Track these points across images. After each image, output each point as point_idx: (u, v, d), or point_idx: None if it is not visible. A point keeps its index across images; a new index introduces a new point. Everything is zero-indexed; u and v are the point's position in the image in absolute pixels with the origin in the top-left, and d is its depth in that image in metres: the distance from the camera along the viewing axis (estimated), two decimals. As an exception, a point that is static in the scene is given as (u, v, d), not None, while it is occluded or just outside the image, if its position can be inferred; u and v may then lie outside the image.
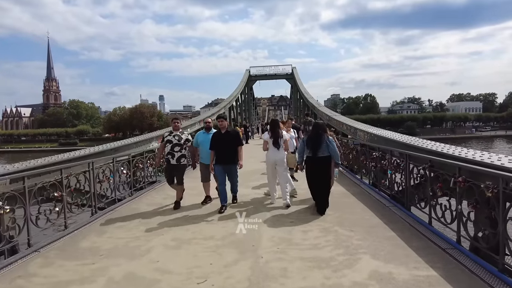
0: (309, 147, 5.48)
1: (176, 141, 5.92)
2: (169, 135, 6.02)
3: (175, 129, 6.13)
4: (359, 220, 4.86)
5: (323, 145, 5.39)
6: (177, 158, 5.90)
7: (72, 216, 5.18)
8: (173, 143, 5.91)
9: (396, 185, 5.84)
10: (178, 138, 5.96)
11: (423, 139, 5.60)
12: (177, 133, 6.06)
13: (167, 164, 5.98)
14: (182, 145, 5.96)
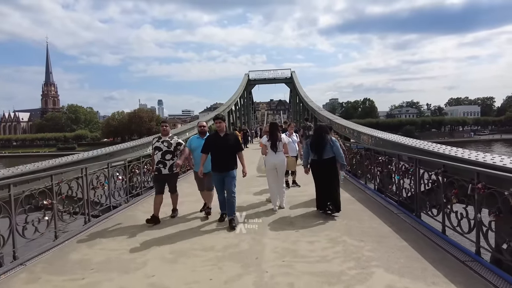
0: (313, 150, 5.45)
1: (166, 148, 5.30)
2: (158, 142, 5.40)
3: (164, 134, 5.46)
4: (368, 229, 4.58)
5: (327, 146, 5.38)
6: (169, 167, 5.31)
7: (63, 226, 4.89)
8: (162, 150, 5.28)
9: (404, 191, 5.58)
10: (167, 145, 5.33)
11: (433, 143, 5.34)
12: (166, 138, 5.41)
13: (158, 174, 5.33)
14: (173, 152, 5.35)
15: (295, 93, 43.35)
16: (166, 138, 5.42)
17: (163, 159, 5.30)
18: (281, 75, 45.50)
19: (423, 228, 4.52)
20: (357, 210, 5.60)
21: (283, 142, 5.91)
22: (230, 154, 4.98)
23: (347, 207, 5.81)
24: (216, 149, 4.95)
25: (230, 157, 4.98)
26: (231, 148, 4.99)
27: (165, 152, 5.31)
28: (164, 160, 5.30)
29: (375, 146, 7.65)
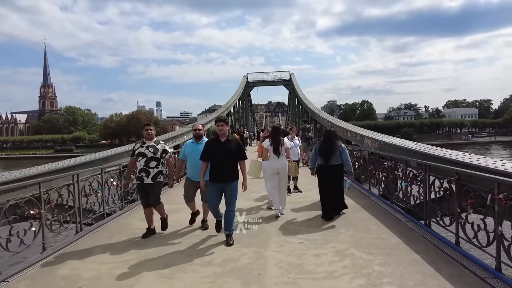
0: (321, 155, 5.42)
1: (152, 154, 4.69)
2: (141, 147, 4.75)
3: (148, 139, 4.80)
4: (376, 240, 4.32)
5: (336, 153, 5.37)
6: (153, 176, 4.66)
7: (52, 236, 4.61)
8: (147, 156, 4.65)
9: (412, 198, 5.33)
10: (153, 150, 4.71)
11: (446, 149, 5.09)
12: (152, 143, 4.78)
13: (140, 184, 4.73)
14: (159, 159, 4.75)
15: (294, 95, 43.15)
16: (151, 143, 4.80)
17: (146, 166, 4.67)
18: (280, 77, 45.33)
19: (434, 238, 4.26)
20: (363, 219, 5.33)
21: (286, 147, 5.77)
22: (232, 162, 4.35)
23: (352, 215, 5.56)
24: (216, 157, 4.31)
25: (231, 166, 4.35)
26: (234, 156, 4.35)
27: (150, 159, 4.68)
28: (148, 168, 4.67)
29: (379, 150, 7.40)
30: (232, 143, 4.39)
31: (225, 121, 4.47)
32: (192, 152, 4.95)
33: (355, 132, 9.83)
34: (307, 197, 7.06)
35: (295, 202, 6.57)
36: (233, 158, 4.36)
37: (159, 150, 4.79)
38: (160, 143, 4.90)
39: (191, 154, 4.97)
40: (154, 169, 4.71)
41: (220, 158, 4.31)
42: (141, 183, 4.73)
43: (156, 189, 4.79)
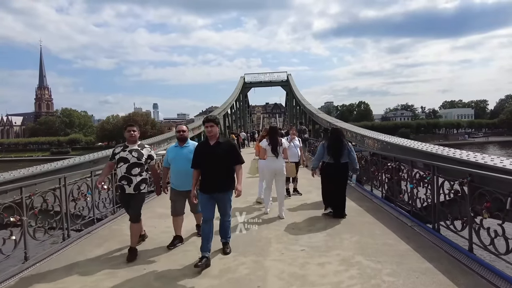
0: (330, 153, 5.43)
1: (135, 159, 4.02)
2: (123, 151, 4.08)
3: (131, 142, 4.14)
4: (383, 246, 4.04)
5: (345, 151, 5.45)
6: (135, 185, 4.00)
7: (36, 245, 4.29)
8: (129, 162, 3.99)
9: (419, 201, 5.07)
10: (137, 155, 4.05)
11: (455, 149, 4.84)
12: (135, 147, 4.13)
13: (121, 193, 4.16)
14: (143, 165, 4.10)
15: (291, 96, 42.97)
16: (135, 147, 4.13)
17: (128, 173, 3.97)
18: (277, 78, 45.13)
19: (444, 244, 3.99)
20: (368, 223, 5.06)
21: (284, 147, 5.69)
22: (225, 169, 3.72)
23: (356, 219, 5.29)
24: (206, 163, 3.72)
25: (225, 173, 3.73)
26: (226, 160, 3.73)
27: (133, 165, 4.00)
28: (130, 175, 3.97)
29: (381, 151, 7.14)
30: (223, 146, 3.76)
31: (215, 121, 3.81)
32: (176, 158, 4.27)
33: (356, 132, 9.58)
34: (307, 200, 6.79)
35: (295, 205, 6.30)
36: (225, 164, 3.72)
37: (143, 155, 4.12)
38: (145, 147, 4.23)
39: (175, 160, 4.28)
40: (137, 176, 4.03)
41: (210, 165, 3.70)
42: (122, 193, 4.09)
43: (138, 201, 4.09)
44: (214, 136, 3.78)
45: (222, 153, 3.72)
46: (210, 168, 3.71)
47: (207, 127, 3.79)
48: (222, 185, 3.73)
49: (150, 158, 4.23)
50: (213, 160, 3.70)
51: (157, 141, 11.99)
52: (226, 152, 3.74)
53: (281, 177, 5.63)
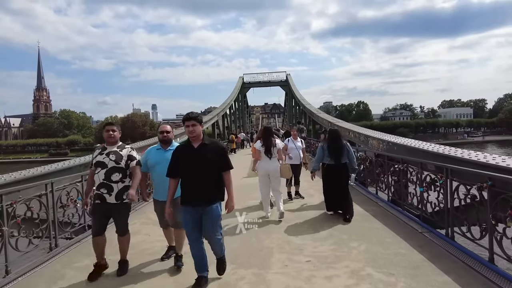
0: (331, 155, 5.45)
1: (113, 163, 3.48)
2: (100, 154, 3.56)
3: (110, 143, 3.61)
4: (394, 256, 3.74)
5: (345, 152, 5.47)
6: (117, 193, 3.47)
7: (19, 256, 3.96)
8: (108, 167, 3.47)
9: (429, 205, 4.77)
10: (115, 158, 3.51)
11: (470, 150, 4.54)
12: (114, 149, 3.59)
13: (100, 203, 3.50)
14: (124, 170, 3.54)
15: (290, 96, 42.68)
16: (114, 148, 3.59)
17: (107, 180, 3.45)
18: (276, 78, 44.83)
19: (461, 254, 3.69)
20: (376, 229, 4.76)
21: (278, 148, 5.61)
22: (210, 176, 3.10)
23: (363, 225, 4.99)
24: (188, 169, 3.09)
25: (210, 181, 3.10)
26: (213, 166, 3.10)
27: (112, 170, 3.47)
28: (110, 182, 3.45)
29: (387, 151, 6.84)
30: (210, 149, 3.14)
31: (197, 119, 3.13)
32: (159, 163, 3.60)
33: (359, 133, 9.26)
34: (309, 204, 6.50)
35: (297, 210, 6.00)
36: (211, 170, 3.10)
37: (122, 157, 3.54)
38: (125, 147, 3.67)
39: (158, 166, 3.61)
40: (119, 183, 3.48)
41: (194, 171, 3.07)
42: (102, 202, 3.48)
43: (123, 213, 3.58)
44: (197, 137, 3.13)
45: (209, 157, 3.09)
46: (194, 175, 3.07)
47: (187, 126, 3.08)
48: (207, 196, 3.09)
49: (131, 159, 3.61)
50: (198, 165, 3.07)
51: (153, 142, 11.62)
52: (214, 155, 3.12)
53: (275, 178, 5.56)
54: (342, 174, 5.49)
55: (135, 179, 3.60)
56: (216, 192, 3.16)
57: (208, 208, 3.10)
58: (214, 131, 28.03)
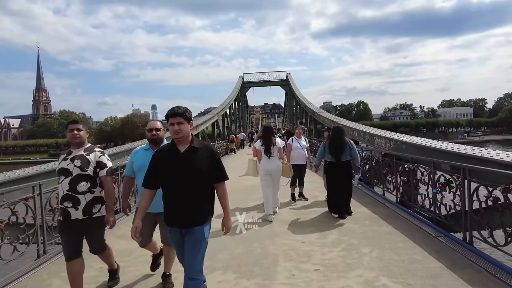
0: (331, 152, 5.40)
1: (79, 170, 2.84)
2: (64, 159, 2.91)
3: (75, 145, 2.94)
4: (410, 264, 3.43)
5: (346, 149, 5.38)
6: (85, 207, 2.84)
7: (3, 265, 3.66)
8: (72, 175, 2.83)
9: (444, 207, 4.47)
10: (81, 164, 2.86)
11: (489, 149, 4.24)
12: (80, 152, 2.93)
13: (64, 219, 2.88)
14: (93, 178, 2.91)
15: (291, 95, 42.34)
16: (80, 152, 2.92)
17: (73, 191, 2.81)
18: (276, 77, 44.47)
19: (483, 261, 3.39)
20: (386, 234, 4.45)
21: (278, 147, 5.56)
22: (199, 189, 2.40)
23: (372, 228, 4.69)
24: (170, 180, 2.40)
25: (199, 196, 2.40)
26: (204, 175, 2.41)
27: (78, 178, 2.83)
28: (75, 194, 2.82)
29: (395, 151, 6.54)
30: (199, 154, 2.41)
31: (185, 115, 2.40)
32: (146, 166, 2.62)
33: (364, 131, 8.95)
34: (314, 206, 6.21)
35: (302, 213, 5.71)
36: (201, 181, 2.39)
37: (90, 162, 2.90)
38: (94, 151, 2.99)
39: (144, 170, 2.61)
40: (87, 194, 2.85)
41: (176, 182, 2.37)
42: (67, 218, 2.84)
43: (96, 230, 2.97)
44: (184, 139, 2.41)
45: (199, 165, 2.39)
46: (178, 187, 2.36)
47: (172, 124, 2.38)
48: (193, 215, 2.38)
49: (100, 166, 2.93)
50: (183, 174, 2.36)
51: None
52: (204, 163, 2.41)
53: (276, 177, 5.57)
54: (343, 171, 5.40)
55: (108, 195, 2.95)
56: (201, 210, 2.42)
57: (192, 230, 2.38)
58: (214, 130, 27.70)
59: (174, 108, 2.41)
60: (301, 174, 6.58)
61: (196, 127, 17.99)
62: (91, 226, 2.91)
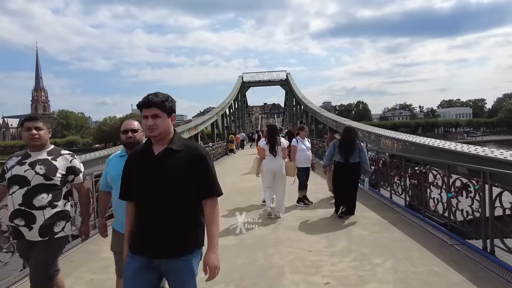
0: (341, 153, 5.34)
1: (41, 179, 2.30)
2: (20, 164, 2.36)
3: (34, 147, 2.41)
4: (428, 276, 3.14)
5: (356, 151, 5.32)
6: (43, 226, 2.28)
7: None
8: (30, 184, 2.28)
9: (460, 213, 4.18)
10: (46, 171, 2.32)
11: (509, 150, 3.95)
12: (43, 156, 2.39)
13: (18, 241, 2.44)
14: (58, 188, 2.37)
15: (291, 95, 42.08)
16: (43, 156, 2.39)
17: (27, 205, 2.26)
18: (276, 77, 44.22)
19: (508, 274, 3.10)
20: (399, 241, 4.16)
21: (282, 147, 5.51)
22: (178, 206, 1.73)
23: (383, 235, 4.40)
24: (140, 191, 1.77)
25: (179, 215, 1.73)
26: (183, 188, 1.73)
27: (37, 189, 2.28)
28: (31, 209, 2.26)
29: (403, 152, 6.25)
30: (179, 158, 1.74)
31: (163, 105, 1.75)
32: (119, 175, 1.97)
33: (369, 132, 8.65)
34: (319, 210, 5.90)
35: (307, 218, 5.40)
36: (180, 195, 1.72)
37: (57, 169, 2.36)
38: (62, 154, 2.45)
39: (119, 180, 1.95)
40: (46, 209, 2.29)
41: (145, 196, 1.75)
42: (21, 239, 2.33)
43: (45, 255, 2.31)
44: (162, 138, 1.76)
45: (178, 173, 1.71)
46: (148, 202, 1.73)
47: (145, 117, 1.73)
48: (172, 242, 1.70)
49: (74, 172, 2.45)
50: (154, 185, 1.72)
51: None
52: (184, 170, 1.71)
53: (280, 176, 5.46)
54: (351, 173, 5.33)
55: (85, 203, 2.51)
56: (188, 236, 1.72)
57: (173, 264, 1.69)
58: (213, 131, 27.38)
59: (149, 96, 1.74)
60: (308, 177, 6.33)
61: (195, 127, 17.68)
62: (43, 250, 2.28)
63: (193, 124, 18.24)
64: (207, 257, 1.72)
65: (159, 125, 1.72)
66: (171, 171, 1.71)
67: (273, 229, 4.86)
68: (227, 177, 10.28)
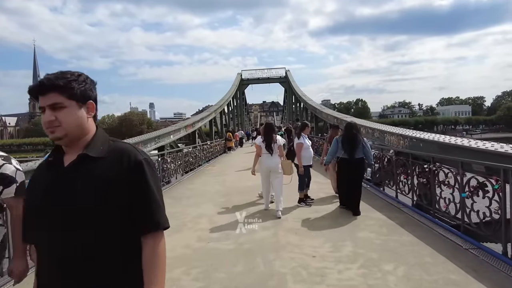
0: (345, 149, 5.31)
1: None
2: None
3: None
4: (445, 285, 2.84)
5: (360, 146, 5.29)
6: None
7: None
8: None
9: (476, 214, 3.88)
10: None
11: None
12: None
13: None
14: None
15: (290, 92, 41.74)
16: None
17: None
18: (275, 74, 43.88)
19: (534, 282, 2.81)
20: (410, 245, 3.85)
21: (278, 144, 5.49)
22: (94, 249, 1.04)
23: (392, 238, 4.09)
24: (40, 228, 1.08)
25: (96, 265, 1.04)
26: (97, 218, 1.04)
27: None
28: None
29: (410, 149, 5.95)
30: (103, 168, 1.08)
31: (69, 86, 1.11)
32: None
33: (373, 128, 8.33)
34: (322, 211, 5.58)
35: (309, 219, 5.09)
36: (98, 232, 1.04)
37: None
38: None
39: None
40: None
41: (47, 234, 1.06)
42: None
43: None
44: (70, 140, 1.12)
45: (95, 194, 1.05)
46: (49, 245, 1.07)
47: (42, 109, 1.12)
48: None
49: (3, 182, 1.78)
50: (58, 216, 1.05)
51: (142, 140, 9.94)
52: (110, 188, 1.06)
53: (276, 174, 5.42)
54: (355, 169, 5.31)
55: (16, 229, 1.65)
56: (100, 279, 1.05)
57: None
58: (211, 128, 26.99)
59: (47, 76, 1.14)
60: (310, 175, 6.07)
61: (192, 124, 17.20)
62: None
63: (190, 121, 17.74)
64: None
65: (63, 121, 1.09)
66: (84, 193, 1.05)
67: (274, 231, 4.55)
68: (226, 176, 10.00)
